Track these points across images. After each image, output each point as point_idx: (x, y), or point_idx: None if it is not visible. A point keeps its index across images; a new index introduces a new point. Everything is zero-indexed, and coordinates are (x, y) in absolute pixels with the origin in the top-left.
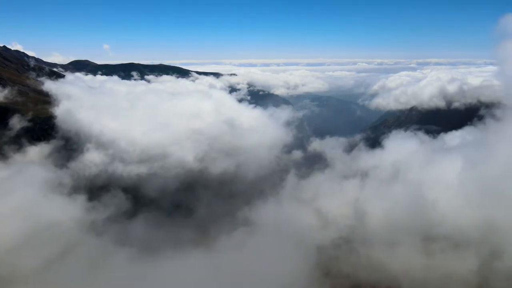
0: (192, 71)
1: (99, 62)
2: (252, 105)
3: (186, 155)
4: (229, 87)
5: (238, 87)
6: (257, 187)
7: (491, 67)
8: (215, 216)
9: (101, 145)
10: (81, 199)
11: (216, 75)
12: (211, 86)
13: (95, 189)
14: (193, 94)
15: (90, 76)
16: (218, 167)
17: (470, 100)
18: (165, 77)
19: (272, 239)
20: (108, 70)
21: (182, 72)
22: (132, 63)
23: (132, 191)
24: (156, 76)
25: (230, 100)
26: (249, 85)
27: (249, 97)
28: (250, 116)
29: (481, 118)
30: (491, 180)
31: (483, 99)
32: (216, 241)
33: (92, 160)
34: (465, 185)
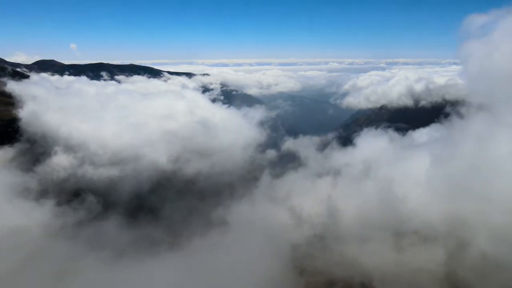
0: (164, 71)
1: (66, 62)
2: (226, 105)
3: (159, 156)
4: (202, 87)
5: (211, 87)
6: (231, 187)
7: (454, 67)
8: (189, 217)
9: (69, 148)
10: (49, 204)
11: (189, 75)
12: (184, 86)
13: (64, 193)
14: (166, 95)
15: (56, 77)
16: (192, 168)
17: (436, 98)
18: (136, 77)
19: (247, 239)
20: (76, 70)
21: (153, 72)
22: (102, 63)
23: (103, 194)
24: (127, 76)
25: (203, 100)
26: (222, 85)
27: (222, 97)
28: (224, 116)
29: (447, 115)
30: (457, 175)
31: (448, 97)
32: (190, 242)
33: (60, 163)
34: (433, 180)
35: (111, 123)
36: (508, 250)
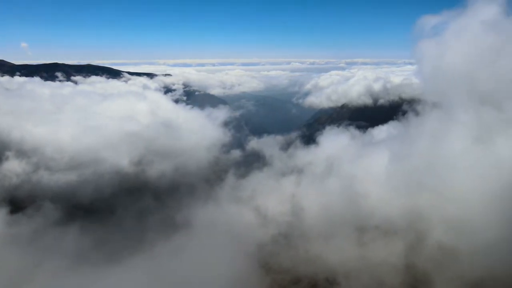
0: (124, 71)
1: (16, 62)
2: (189, 106)
3: (121, 159)
4: (164, 87)
5: (173, 87)
6: (195, 188)
7: (409, 67)
8: (153, 221)
9: (23, 153)
10: (1, 212)
11: (150, 75)
12: (145, 87)
13: (17, 200)
14: (127, 96)
15: (6, 77)
16: (155, 170)
17: (393, 97)
18: (94, 78)
19: (212, 240)
20: (28, 70)
21: (113, 73)
22: (56, 63)
23: (61, 200)
24: (84, 77)
25: (166, 101)
26: (185, 85)
27: (185, 98)
28: (187, 117)
29: (404, 113)
30: (413, 171)
31: (404, 96)
32: (153, 246)
33: (12, 169)
34: (392, 176)
35: (68, 126)
36: (461, 240)
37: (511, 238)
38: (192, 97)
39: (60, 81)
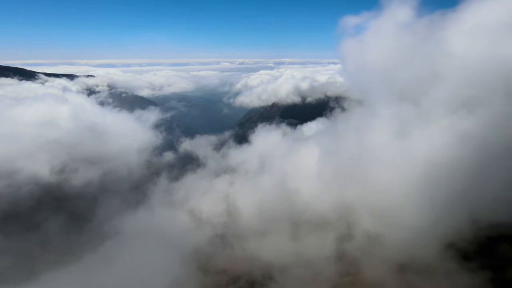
0: (39, 72)
1: None
2: (116, 108)
3: (41, 168)
4: (87, 89)
5: (97, 89)
6: (126, 194)
7: (333, 66)
8: (80, 231)
9: None
10: None
11: (70, 76)
12: (65, 89)
13: None
14: (44, 99)
15: None
16: (81, 177)
17: (320, 95)
18: (3, 80)
19: (146, 247)
20: None
21: (26, 74)
22: None
23: None
24: None
25: (90, 104)
26: (110, 87)
27: (111, 100)
28: (115, 120)
29: (331, 110)
30: (342, 164)
31: (330, 94)
32: (82, 258)
33: None
34: (322, 171)
35: None
36: (385, 228)
37: (429, 224)
38: (119, 99)
39: None
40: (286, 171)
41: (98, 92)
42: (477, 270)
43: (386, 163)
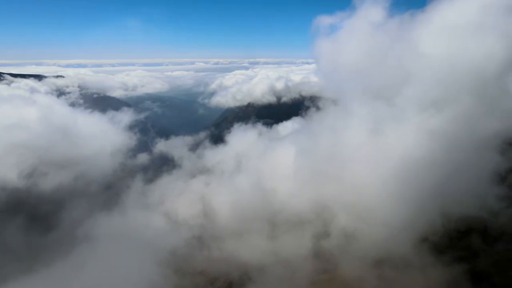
0: (4, 73)
1: None
2: (88, 110)
3: (8, 173)
4: (56, 90)
5: (67, 90)
6: (100, 197)
7: (307, 66)
8: (50, 237)
9: None
10: None
11: (38, 77)
12: (33, 90)
13: None
14: (11, 101)
15: None
16: (52, 182)
17: (294, 95)
18: None
19: (121, 251)
20: None
21: None
22: None
23: None
24: None
25: (60, 105)
26: (81, 87)
27: (82, 101)
28: (86, 122)
29: (306, 109)
30: (318, 163)
31: (304, 93)
32: (52, 264)
33: None
34: (298, 170)
35: None
36: (361, 225)
37: (403, 219)
38: (91, 100)
39: None
40: (262, 171)
41: (69, 93)
42: (450, 263)
43: (361, 161)
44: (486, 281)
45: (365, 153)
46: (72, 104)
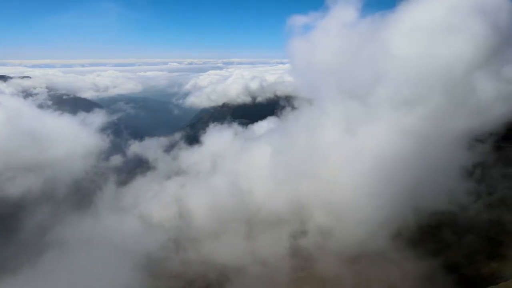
0: None
1: None
2: (58, 112)
3: None
4: (23, 92)
5: (34, 91)
6: (71, 201)
7: (281, 66)
8: (18, 244)
9: None
10: None
11: (3, 78)
12: None
13: None
14: None
15: None
16: (19, 186)
17: (269, 94)
18: None
19: (93, 256)
20: None
21: None
22: None
23: None
24: None
25: (27, 107)
26: (49, 89)
27: (50, 102)
28: (56, 124)
29: (281, 109)
30: (294, 162)
31: (279, 93)
32: (19, 272)
33: None
34: (274, 169)
35: None
36: (336, 222)
37: (377, 215)
38: (60, 101)
39: None
40: (239, 171)
41: (36, 94)
42: (424, 256)
43: (336, 160)
44: (458, 271)
45: (340, 152)
46: (40, 106)
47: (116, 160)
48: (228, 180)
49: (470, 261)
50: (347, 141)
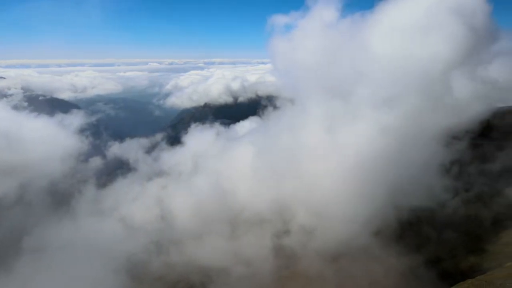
0: None
1: None
2: (34, 113)
3: None
4: None
5: (9, 92)
6: (49, 205)
7: (262, 66)
8: None
9: None
10: None
11: None
12: None
13: None
14: None
15: None
16: None
17: (251, 94)
18: None
19: (73, 261)
20: None
21: None
22: None
23: None
24: None
25: (1, 109)
26: (25, 89)
27: (26, 104)
28: (32, 126)
29: (263, 109)
30: (276, 162)
31: (260, 93)
32: (0, 276)
33: None
34: (257, 169)
35: None
36: (319, 221)
37: (359, 213)
38: (36, 102)
39: None
40: (221, 171)
41: (11, 95)
42: (405, 252)
43: (317, 159)
44: (439, 266)
45: (321, 151)
46: (15, 107)
47: (96, 162)
48: (210, 181)
49: (450, 255)
50: (328, 140)
